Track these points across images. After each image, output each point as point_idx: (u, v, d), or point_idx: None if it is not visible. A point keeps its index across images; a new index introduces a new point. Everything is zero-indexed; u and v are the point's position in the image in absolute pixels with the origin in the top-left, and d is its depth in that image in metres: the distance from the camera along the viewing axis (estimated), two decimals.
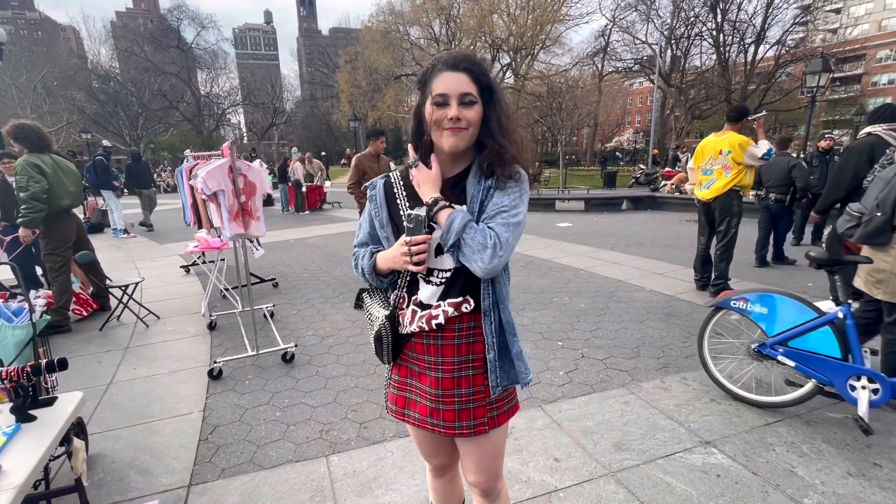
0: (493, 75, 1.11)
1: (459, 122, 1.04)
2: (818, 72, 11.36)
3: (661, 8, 27.88)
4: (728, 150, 4.33)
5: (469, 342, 1.17)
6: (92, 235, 9.26)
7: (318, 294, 4.99)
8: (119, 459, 2.28)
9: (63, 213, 3.92)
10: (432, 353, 1.18)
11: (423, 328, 1.16)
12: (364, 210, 1.28)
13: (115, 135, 33.51)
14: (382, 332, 1.20)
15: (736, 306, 2.73)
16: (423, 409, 1.21)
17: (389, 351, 1.21)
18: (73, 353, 3.56)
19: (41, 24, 76.81)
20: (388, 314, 1.20)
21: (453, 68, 1.05)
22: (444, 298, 1.15)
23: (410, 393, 1.25)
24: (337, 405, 2.74)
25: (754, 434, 2.36)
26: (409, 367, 1.24)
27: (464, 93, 1.04)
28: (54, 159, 3.92)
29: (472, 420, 1.18)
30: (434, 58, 1.11)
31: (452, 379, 1.17)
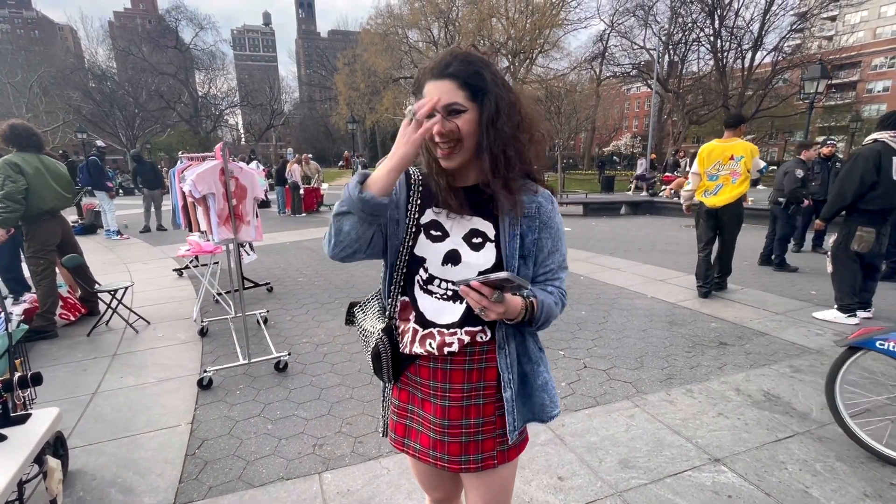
0: (492, 70, 0.95)
1: (446, 140, 0.93)
2: (816, 78, 11.35)
3: (658, 14, 27.98)
4: (741, 155, 4.34)
5: (481, 368, 1.05)
6: (85, 237, 9.22)
7: (313, 299, 4.88)
8: (100, 476, 2.16)
9: (46, 214, 3.80)
10: (439, 379, 1.05)
11: (432, 353, 1.04)
12: None
13: (112, 135, 33.26)
14: (380, 347, 1.07)
15: (885, 347, 2.19)
16: (426, 440, 1.09)
17: (389, 369, 1.09)
18: (59, 361, 3.44)
19: (38, 24, 76.47)
20: (384, 327, 1.08)
21: (438, 76, 0.93)
22: (461, 326, 1.03)
23: (411, 421, 1.12)
24: (331, 417, 2.63)
25: (765, 451, 2.27)
26: (412, 393, 1.12)
27: (448, 104, 0.92)
28: (42, 160, 3.80)
29: (481, 454, 1.06)
30: (425, 63, 0.99)
31: (461, 408, 1.05)
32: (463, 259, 1.01)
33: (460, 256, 1.02)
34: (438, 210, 1.04)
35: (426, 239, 1.04)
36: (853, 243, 3.76)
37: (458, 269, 1.01)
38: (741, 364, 3.21)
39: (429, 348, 1.04)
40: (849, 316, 3.89)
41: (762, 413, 2.60)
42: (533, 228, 1.02)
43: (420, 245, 1.04)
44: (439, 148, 0.95)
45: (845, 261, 3.88)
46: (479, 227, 1.03)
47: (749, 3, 24.35)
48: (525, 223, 1.01)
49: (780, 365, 3.18)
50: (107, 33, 43.96)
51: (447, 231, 1.03)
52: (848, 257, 3.85)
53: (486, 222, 1.02)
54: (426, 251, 1.04)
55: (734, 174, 4.38)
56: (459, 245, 1.02)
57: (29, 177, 3.62)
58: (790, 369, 3.11)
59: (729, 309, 4.33)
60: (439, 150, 0.95)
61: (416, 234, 1.05)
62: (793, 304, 4.42)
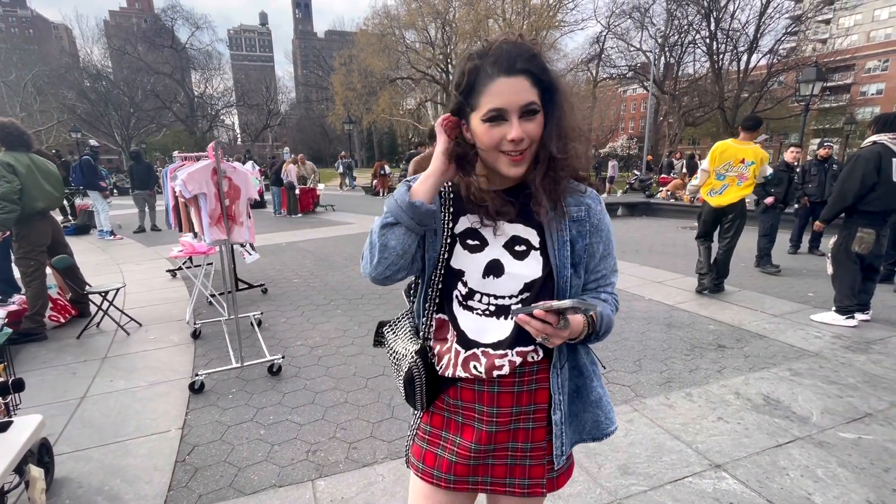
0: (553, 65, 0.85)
1: (522, 144, 0.82)
2: (812, 80, 11.40)
3: (655, 16, 28.08)
4: (752, 160, 4.42)
5: (531, 389, 0.95)
6: (78, 237, 9.12)
7: (308, 301, 4.83)
8: (87, 484, 2.10)
9: (37, 215, 3.73)
10: (485, 402, 0.95)
11: (479, 376, 0.93)
12: None
13: (107, 134, 33.09)
14: (414, 372, 0.96)
15: None
16: (462, 469, 0.97)
17: (423, 396, 0.97)
18: (47, 364, 3.37)
19: (33, 22, 75.93)
20: (417, 349, 0.97)
21: (508, 71, 0.80)
22: (511, 346, 0.92)
23: (443, 449, 0.99)
24: (325, 422, 2.58)
25: (766, 456, 2.24)
26: (448, 418, 1.00)
27: (526, 103, 0.80)
28: (32, 159, 3.73)
29: (527, 479, 0.97)
30: (475, 53, 0.83)
31: (508, 432, 0.95)
32: (506, 270, 0.91)
33: (503, 267, 0.91)
34: (474, 217, 0.93)
35: (463, 249, 0.94)
36: (854, 245, 3.77)
37: (502, 282, 0.91)
38: (740, 367, 3.18)
39: (474, 371, 0.93)
40: (847, 318, 3.88)
41: (762, 417, 2.57)
42: (583, 234, 0.93)
43: (457, 256, 0.94)
44: (509, 155, 0.83)
45: (846, 262, 3.87)
46: (521, 235, 0.93)
47: (744, 5, 24.57)
48: (574, 228, 0.92)
49: (780, 368, 3.15)
50: (102, 32, 43.70)
51: (485, 239, 0.93)
52: (849, 259, 3.85)
53: (529, 228, 0.92)
54: (464, 263, 0.93)
55: (741, 177, 4.45)
56: (501, 254, 0.92)
57: (22, 176, 3.56)
58: (789, 372, 3.08)
59: (727, 311, 4.31)
60: (509, 156, 0.83)
61: (452, 244, 0.95)
62: (791, 307, 4.40)
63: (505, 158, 0.84)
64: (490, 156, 0.86)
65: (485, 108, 0.81)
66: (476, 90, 0.82)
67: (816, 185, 6.41)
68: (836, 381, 2.96)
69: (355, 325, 4.09)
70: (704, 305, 4.47)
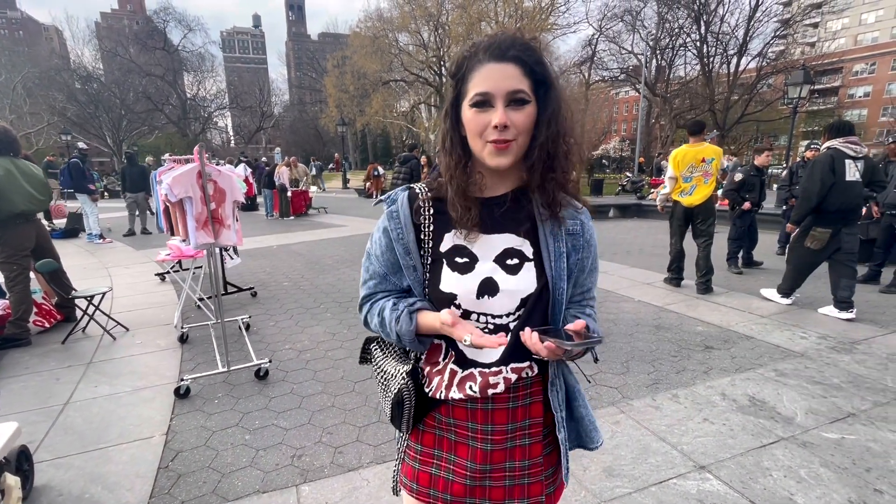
0: (550, 61, 0.83)
1: (507, 132, 0.79)
2: (800, 83, 11.54)
3: (646, 19, 28.32)
4: (712, 157, 4.79)
5: (526, 404, 0.93)
6: (66, 241, 9.02)
7: (297, 304, 4.80)
8: (67, 492, 2.08)
9: (18, 218, 3.68)
10: (479, 420, 0.92)
11: (474, 395, 0.90)
12: (376, 233, 0.96)
13: (97, 137, 32.77)
14: (404, 394, 0.92)
15: None
16: (459, 488, 0.93)
17: (411, 419, 0.94)
18: (31, 369, 3.32)
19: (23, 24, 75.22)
20: (408, 369, 0.93)
21: (499, 58, 0.78)
22: (505, 363, 0.89)
23: (438, 468, 0.96)
24: (311, 427, 2.57)
25: (750, 457, 2.25)
26: (440, 436, 0.97)
27: (513, 90, 0.78)
28: (15, 163, 3.69)
29: (527, 499, 0.94)
30: (471, 44, 0.83)
31: (504, 451, 0.92)
32: (501, 288, 0.86)
33: (497, 285, 0.86)
34: (459, 231, 0.88)
35: (452, 271, 0.88)
36: (807, 241, 4.21)
37: (497, 301, 0.87)
38: (727, 368, 3.20)
39: (469, 392, 0.90)
40: (783, 297, 4.52)
41: (747, 418, 2.59)
42: (577, 247, 0.91)
43: (446, 280, 0.88)
44: (495, 143, 0.80)
45: (798, 251, 4.36)
46: (513, 246, 0.88)
47: (734, 9, 24.85)
48: (570, 241, 0.90)
49: (766, 369, 3.18)
50: (93, 34, 43.37)
51: (475, 255, 0.88)
52: (802, 250, 4.31)
53: (522, 238, 0.88)
54: (454, 286, 0.88)
55: (706, 175, 4.81)
56: (493, 271, 0.87)
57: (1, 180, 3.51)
58: (775, 373, 3.10)
59: (715, 313, 4.34)
60: (494, 145, 0.80)
61: (438, 267, 0.89)
62: (778, 308, 4.44)
63: (490, 147, 0.81)
64: (476, 145, 0.83)
65: (472, 93, 0.80)
66: (466, 77, 0.81)
67: None
68: (820, 381, 2.99)
69: (344, 328, 4.08)
70: (693, 307, 4.50)
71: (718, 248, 6.21)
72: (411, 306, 0.89)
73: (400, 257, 0.91)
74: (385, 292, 0.97)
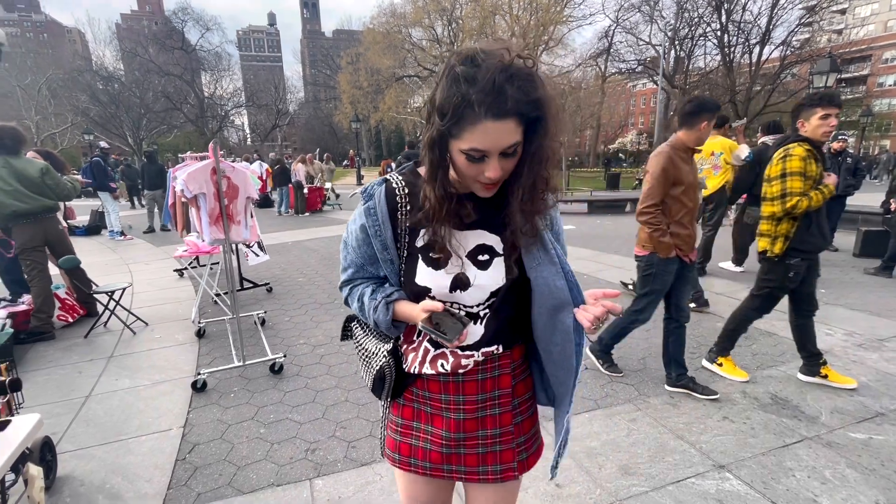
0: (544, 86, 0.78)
1: (498, 180, 0.82)
2: (826, 72, 11.15)
3: (664, 9, 27.70)
4: (720, 151, 4.92)
5: (495, 376, 0.99)
6: (88, 238, 9.25)
7: (312, 299, 4.84)
8: (88, 482, 2.12)
9: (17, 217, 3.73)
10: (451, 392, 0.99)
11: (444, 372, 0.97)
12: (352, 225, 0.99)
13: (118, 136, 33.52)
14: (386, 370, 1.00)
15: None
16: (436, 456, 1.01)
17: (391, 390, 1.03)
18: (54, 363, 3.41)
19: (47, 27, 77.28)
20: (390, 348, 1.00)
21: (497, 115, 0.74)
22: (477, 348, 0.96)
23: (417, 439, 1.03)
24: (325, 421, 2.58)
25: (772, 457, 2.19)
26: (418, 409, 1.03)
27: (508, 145, 0.78)
28: (9, 162, 3.69)
29: (499, 465, 1.01)
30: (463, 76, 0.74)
31: (476, 420, 0.99)
32: (472, 283, 0.92)
33: (469, 281, 0.92)
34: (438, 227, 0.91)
35: (427, 266, 0.93)
36: (745, 217, 5.25)
37: (468, 294, 0.93)
38: (747, 365, 3.12)
39: (440, 369, 0.97)
40: (737, 266, 5.43)
41: (769, 417, 2.52)
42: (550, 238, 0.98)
43: (421, 274, 0.93)
44: (485, 186, 0.84)
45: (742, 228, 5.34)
46: (485, 242, 0.92)
47: None
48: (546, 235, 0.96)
49: (788, 366, 3.09)
50: (114, 35, 44.28)
51: (449, 251, 0.92)
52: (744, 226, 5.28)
53: (493, 235, 0.92)
54: (428, 280, 0.93)
55: (715, 167, 5.02)
56: (466, 267, 0.92)
57: None
58: (798, 371, 3.01)
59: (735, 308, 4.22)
60: (484, 186, 0.84)
61: (414, 261, 0.94)
62: None
63: (478, 185, 0.85)
64: (467, 180, 0.85)
65: (466, 146, 0.78)
66: (460, 125, 0.77)
67: None
68: None
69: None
70: (712, 302, 4.40)
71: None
72: (388, 297, 0.95)
73: (378, 252, 0.96)
74: (363, 279, 1.03)
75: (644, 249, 2.73)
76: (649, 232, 2.64)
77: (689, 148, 2.61)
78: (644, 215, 2.66)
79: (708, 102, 2.56)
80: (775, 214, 2.60)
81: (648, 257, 2.70)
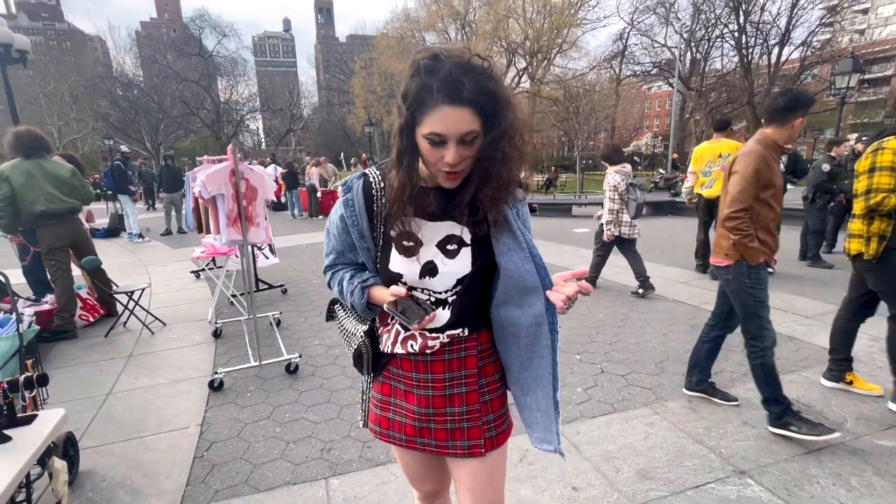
0: (501, 85, 0.88)
1: (457, 166, 0.89)
2: (848, 72, 10.92)
3: (680, 10, 27.40)
4: (728, 153, 4.98)
5: (461, 357, 1.06)
6: (108, 240, 9.45)
7: (326, 301, 4.83)
8: (110, 477, 2.16)
9: (46, 218, 3.82)
10: (420, 370, 1.07)
11: (413, 352, 1.05)
12: (333, 215, 1.08)
13: (137, 140, 34.25)
14: (363, 349, 1.10)
15: None
16: (410, 429, 1.09)
17: (370, 365, 1.12)
18: (77, 361, 3.49)
19: (70, 35, 79.48)
20: (366, 329, 1.10)
21: (453, 100, 0.82)
22: (442, 330, 1.03)
23: (394, 413, 1.12)
24: (340, 421, 2.59)
25: (795, 463, 2.14)
26: (394, 386, 1.12)
27: (465, 132, 0.85)
28: (41, 164, 3.81)
29: (467, 440, 1.07)
30: (424, 67, 0.84)
31: (443, 397, 1.07)
32: (440, 270, 1.00)
33: (437, 268, 1.00)
34: (408, 218, 0.99)
35: (399, 254, 1.01)
36: None
37: (437, 280, 1.00)
38: None
39: (410, 349, 1.05)
40: None
41: None
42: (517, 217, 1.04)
43: (394, 261, 1.02)
44: (447, 174, 0.91)
45: None
46: (453, 232, 1.00)
47: None
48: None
49: (811, 371, 3.01)
50: (133, 42, 45.27)
51: (419, 240, 1.00)
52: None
53: (461, 226, 1.00)
54: (400, 266, 1.01)
55: (724, 169, 4.94)
56: (434, 255, 1.00)
57: (16, 184, 3.68)
58: (822, 376, 2.93)
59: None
60: (446, 175, 0.91)
61: (388, 249, 1.03)
62: (824, 308, 4.21)
63: (442, 174, 0.92)
64: (431, 168, 0.93)
65: (427, 130, 0.86)
66: (421, 111, 0.85)
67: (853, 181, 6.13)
68: None
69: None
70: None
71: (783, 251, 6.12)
72: (364, 282, 1.04)
73: (355, 240, 1.05)
74: (343, 265, 1.12)
75: (728, 258, 2.38)
76: (736, 238, 2.29)
77: (780, 147, 2.35)
78: (732, 220, 2.30)
79: (803, 97, 2.26)
80: (863, 212, 2.43)
81: (735, 267, 2.35)
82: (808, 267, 5.83)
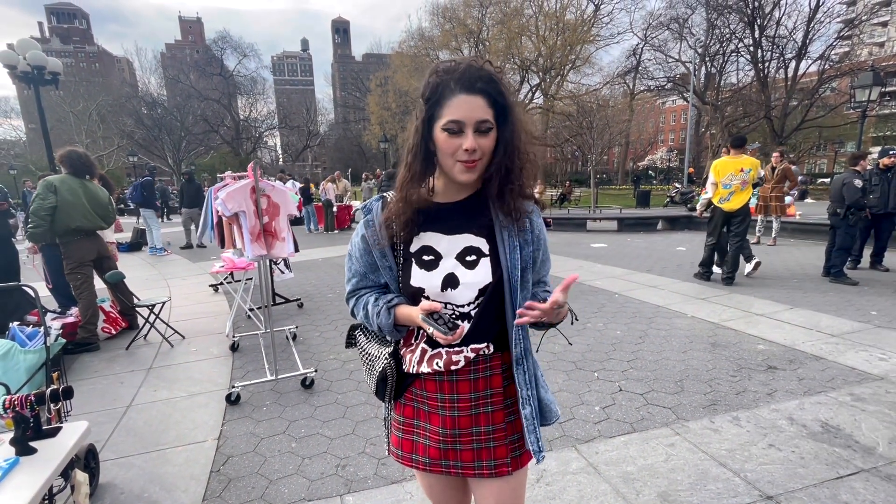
0: (510, 91, 0.98)
1: (475, 154, 0.93)
2: (869, 85, 10.75)
3: (694, 26, 27.42)
4: (749, 168, 5.46)
5: (486, 376, 1.06)
6: (131, 254, 9.68)
7: (342, 315, 4.90)
8: (128, 490, 2.18)
9: (76, 233, 4.00)
10: (446, 391, 1.06)
11: (439, 370, 1.05)
12: (355, 237, 1.12)
13: (160, 157, 35.28)
14: (388, 371, 1.09)
15: None
16: (434, 452, 1.08)
17: (393, 391, 1.11)
18: (98, 373, 3.56)
19: (99, 57, 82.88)
20: (391, 351, 1.10)
21: (468, 89, 0.91)
22: (466, 343, 1.03)
23: (418, 436, 1.11)
24: (355, 437, 2.58)
25: (825, 489, 2.05)
26: (417, 407, 1.11)
27: (481, 120, 0.92)
28: (85, 185, 4.09)
29: (493, 460, 1.07)
30: (443, 69, 0.95)
31: (470, 417, 1.06)
32: (461, 281, 1.01)
33: (458, 279, 1.01)
34: (427, 234, 1.03)
35: (419, 269, 1.03)
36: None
37: (458, 292, 1.02)
38: (794, 390, 2.96)
39: (436, 367, 1.05)
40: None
41: (820, 446, 2.37)
42: (528, 241, 1.04)
43: (415, 276, 1.03)
44: (464, 163, 0.94)
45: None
46: (472, 244, 1.03)
47: (791, 11, 23.55)
48: (521, 237, 1.03)
49: (839, 392, 2.91)
50: (158, 63, 47.02)
51: (439, 253, 1.02)
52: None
53: (479, 238, 1.03)
54: (422, 281, 1.03)
55: (744, 183, 5.48)
56: (454, 267, 1.02)
57: (62, 197, 3.87)
58: (851, 398, 2.84)
59: (777, 330, 4.04)
60: (464, 164, 0.95)
61: (409, 265, 1.05)
62: (850, 326, 4.09)
63: (459, 165, 0.95)
64: (447, 162, 0.96)
65: (445, 119, 0.92)
66: (440, 103, 0.93)
67: (878, 196, 5.99)
68: None
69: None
70: (753, 323, 4.22)
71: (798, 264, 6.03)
72: (389, 303, 1.05)
73: (377, 259, 1.07)
74: (366, 288, 1.13)
75: None
76: None
77: None
78: None
79: None
80: None
81: None
82: (830, 283, 5.68)
